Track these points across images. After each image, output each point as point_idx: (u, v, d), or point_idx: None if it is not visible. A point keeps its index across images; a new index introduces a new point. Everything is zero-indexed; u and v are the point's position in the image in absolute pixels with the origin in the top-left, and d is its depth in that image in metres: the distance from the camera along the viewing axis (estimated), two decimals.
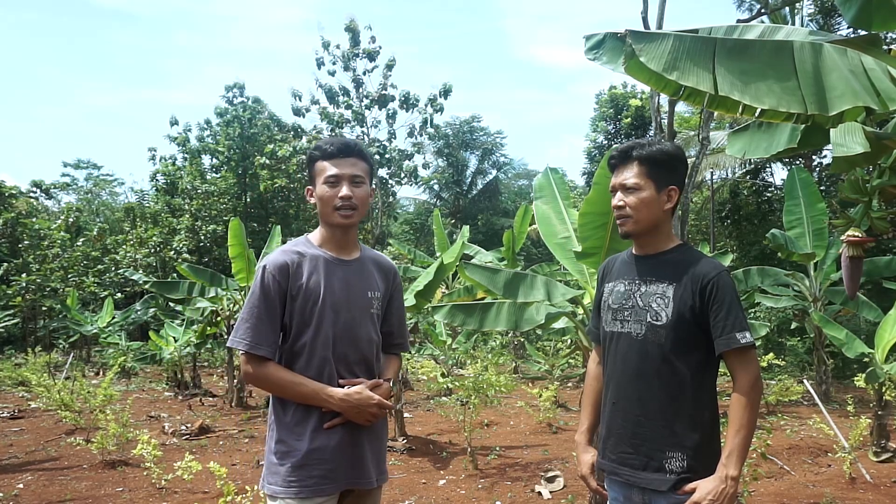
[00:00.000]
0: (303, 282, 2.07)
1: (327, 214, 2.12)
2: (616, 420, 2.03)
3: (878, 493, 4.85)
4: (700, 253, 2.07)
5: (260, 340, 2.03)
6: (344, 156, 2.11)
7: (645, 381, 1.97)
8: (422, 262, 11.49)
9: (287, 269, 2.07)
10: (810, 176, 9.63)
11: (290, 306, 2.08)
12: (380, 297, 2.20)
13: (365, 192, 2.14)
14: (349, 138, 2.19)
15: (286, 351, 2.09)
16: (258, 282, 2.07)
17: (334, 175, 2.09)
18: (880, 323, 6.08)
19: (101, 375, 12.32)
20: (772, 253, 12.33)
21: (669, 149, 2.03)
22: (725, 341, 1.89)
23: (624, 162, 2.05)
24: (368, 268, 2.21)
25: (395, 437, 6.68)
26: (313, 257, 2.12)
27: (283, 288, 2.07)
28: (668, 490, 1.91)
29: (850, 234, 3.14)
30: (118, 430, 5.77)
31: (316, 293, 2.07)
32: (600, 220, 4.36)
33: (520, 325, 5.05)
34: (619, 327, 2.06)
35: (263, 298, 2.06)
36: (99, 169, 33.38)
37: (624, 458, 2.00)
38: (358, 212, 2.12)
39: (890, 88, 2.13)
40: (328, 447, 2.02)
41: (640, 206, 2.01)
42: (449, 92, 14.72)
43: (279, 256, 2.10)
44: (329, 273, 2.11)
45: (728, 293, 1.91)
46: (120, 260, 17.10)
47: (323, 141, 2.17)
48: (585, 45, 2.54)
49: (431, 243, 19.54)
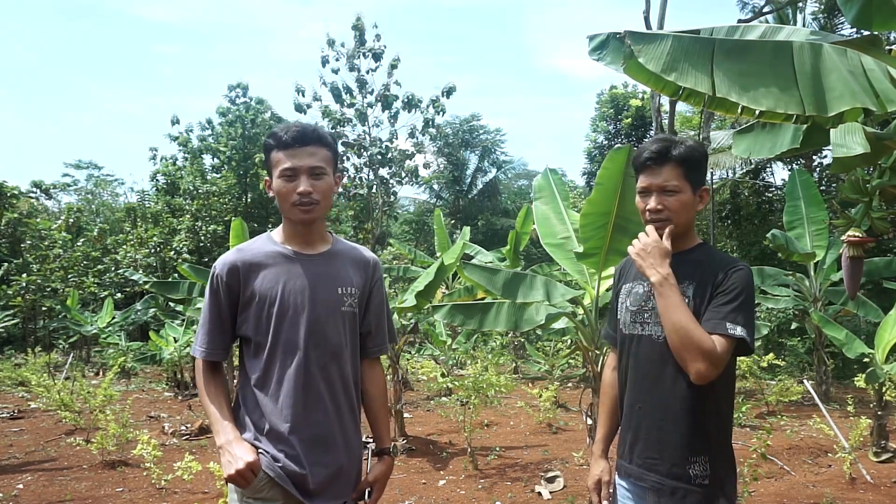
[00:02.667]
0: (257, 283, 1.92)
1: (286, 210, 1.94)
2: (642, 424, 1.97)
3: (878, 493, 4.84)
4: (722, 252, 2.00)
5: (215, 346, 1.95)
6: (300, 145, 1.89)
7: (666, 385, 1.90)
8: (422, 262, 11.48)
9: (237, 270, 1.92)
10: (811, 177, 9.64)
11: (244, 311, 1.94)
12: (355, 292, 2.01)
13: (327, 184, 1.94)
14: (307, 123, 1.99)
15: (248, 357, 1.96)
16: (208, 285, 1.96)
17: (290, 168, 1.89)
18: (880, 323, 6.07)
19: (100, 376, 12.33)
20: (772, 253, 12.32)
21: (700, 148, 1.94)
22: (712, 325, 1.77)
23: (661, 163, 1.91)
24: (339, 261, 2.03)
25: (395, 437, 6.68)
26: (271, 254, 1.96)
27: (234, 291, 1.93)
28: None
29: (851, 235, 3.13)
30: (118, 430, 5.77)
31: (272, 294, 1.91)
32: (602, 221, 4.36)
33: (520, 326, 5.05)
34: (639, 330, 1.98)
35: (214, 303, 1.94)
36: (100, 169, 33.39)
37: (650, 463, 1.93)
38: (320, 205, 1.93)
39: (889, 89, 2.13)
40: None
41: (680, 208, 1.90)
42: (451, 92, 14.69)
43: (229, 257, 1.96)
44: (288, 271, 1.94)
45: (739, 285, 1.81)
46: (120, 260, 17.09)
47: (278, 128, 1.95)
48: (589, 46, 2.54)
49: (431, 243, 19.55)
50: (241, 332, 1.96)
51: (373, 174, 15.21)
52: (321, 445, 1.92)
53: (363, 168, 15.21)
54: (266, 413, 1.90)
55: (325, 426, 1.93)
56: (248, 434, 1.90)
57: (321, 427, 1.92)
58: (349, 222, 17.85)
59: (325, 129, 2.03)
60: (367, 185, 15.45)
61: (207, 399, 1.94)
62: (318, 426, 1.91)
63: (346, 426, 1.98)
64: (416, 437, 6.91)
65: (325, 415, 1.93)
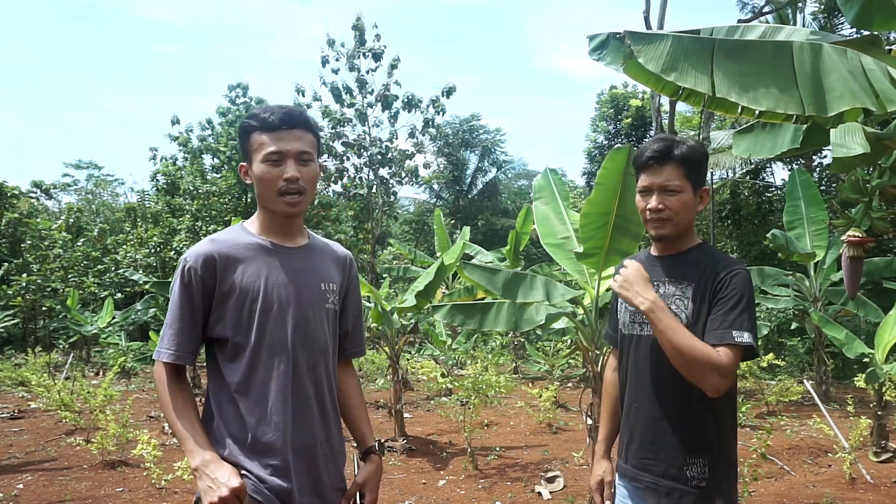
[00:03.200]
0: (236, 277, 1.73)
1: (269, 199, 1.77)
2: (638, 424, 1.97)
3: (878, 493, 4.84)
4: (722, 252, 1.99)
5: (185, 349, 1.73)
6: (288, 127, 1.73)
7: (664, 385, 1.90)
8: (422, 262, 11.48)
9: (213, 262, 1.72)
10: (811, 177, 9.64)
11: (220, 308, 1.73)
12: (336, 289, 1.87)
13: (313, 172, 1.79)
14: (292, 106, 1.87)
15: (224, 361, 1.75)
16: (177, 279, 1.73)
17: (276, 152, 1.72)
18: (880, 323, 6.07)
19: (101, 375, 12.32)
20: (772, 253, 12.32)
21: (701, 148, 1.95)
22: (720, 335, 1.77)
23: (663, 162, 1.91)
24: (319, 256, 1.89)
25: (395, 437, 6.68)
26: (249, 246, 1.78)
27: (209, 286, 1.72)
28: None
29: (851, 235, 3.13)
30: (118, 430, 5.77)
31: (254, 290, 1.73)
32: (602, 221, 4.35)
33: (519, 326, 5.04)
34: (638, 330, 1.99)
35: (185, 299, 1.73)
36: (100, 169, 33.40)
37: (645, 463, 1.94)
38: (306, 196, 1.78)
39: (889, 89, 2.13)
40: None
41: (681, 208, 1.90)
42: (451, 92, 14.69)
43: (203, 248, 1.74)
44: (269, 264, 1.77)
45: (739, 290, 1.81)
46: (120, 260, 17.09)
47: (260, 108, 1.77)
48: (589, 46, 2.54)
49: (431, 243, 19.54)
50: (214, 332, 1.76)
51: (373, 174, 15.22)
52: (310, 454, 1.78)
53: (363, 168, 15.23)
54: (249, 423, 1.71)
55: (314, 433, 1.80)
56: (225, 451, 1.71)
57: (310, 434, 1.78)
58: (349, 222, 17.86)
59: (307, 112, 1.89)
60: (367, 185, 15.46)
61: (174, 413, 1.70)
62: (307, 433, 1.78)
63: (332, 433, 1.86)
64: (416, 437, 6.91)
65: (314, 420, 1.79)
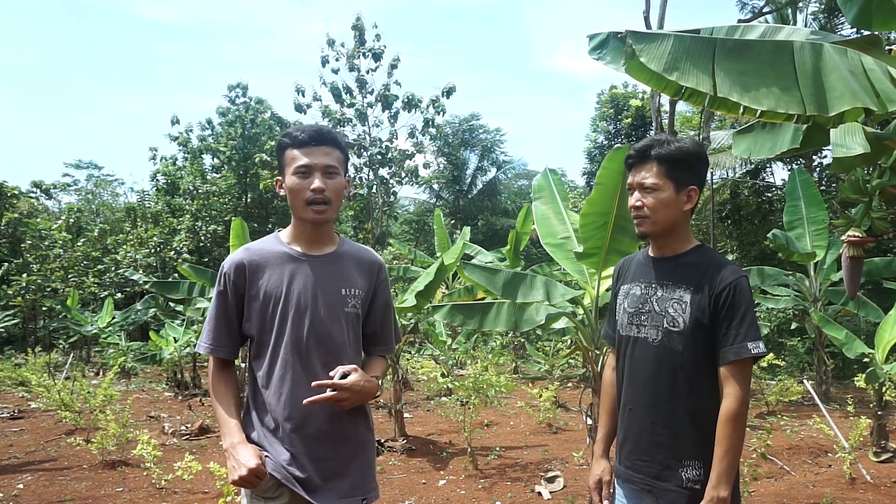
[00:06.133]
0: (262, 282, 1.96)
1: (298, 208, 1.97)
2: (632, 426, 1.98)
3: (878, 493, 4.84)
4: (719, 255, 1.99)
5: (220, 343, 1.99)
6: (316, 144, 1.94)
7: (660, 388, 1.91)
8: (422, 262, 11.48)
9: (244, 269, 1.97)
10: (811, 177, 9.63)
11: (249, 308, 1.98)
12: (359, 294, 2.04)
13: (339, 184, 1.98)
14: (322, 125, 2.07)
15: (252, 355, 2.01)
16: (216, 284, 2.02)
17: (305, 165, 1.93)
18: (880, 323, 6.07)
19: (101, 375, 12.33)
20: (772, 253, 12.33)
21: (689, 147, 1.95)
22: (736, 350, 1.80)
23: (642, 161, 1.95)
24: (344, 263, 2.06)
25: (395, 437, 6.68)
26: (277, 255, 2.00)
27: (240, 289, 1.98)
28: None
29: (851, 235, 3.13)
30: (118, 430, 5.77)
31: (278, 293, 1.96)
32: (602, 221, 4.36)
33: (520, 326, 5.04)
34: (635, 332, 1.99)
35: (221, 301, 2.00)
36: (100, 169, 33.40)
37: (639, 465, 1.94)
38: (332, 206, 1.96)
39: (889, 89, 2.13)
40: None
41: (658, 206, 1.93)
42: (451, 92, 14.68)
43: (237, 256, 2.01)
44: (293, 271, 1.98)
45: (744, 300, 1.83)
46: (120, 260, 17.09)
47: (294, 128, 2.00)
48: (589, 45, 2.54)
49: (431, 243, 19.55)
50: (246, 330, 2.01)
51: (373, 174, 15.21)
52: (325, 441, 1.94)
53: (363, 168, 15.21)
54: (270, 410, 1.94)
55: (329, 422, 1.95)
56: (255, 433, 1.95)
57: (324, 423, 1.94)
58: (349, 222, 17.84)
59: (339, 133, 2.08)
60: (367, 185, 15.45)
61: (216, 399, 1.98)
62: (321, 422, 1.93)
63: (351, 421, 2.00)
64: (416, 437, 6.91)
65: (328, 410, 1.93)
